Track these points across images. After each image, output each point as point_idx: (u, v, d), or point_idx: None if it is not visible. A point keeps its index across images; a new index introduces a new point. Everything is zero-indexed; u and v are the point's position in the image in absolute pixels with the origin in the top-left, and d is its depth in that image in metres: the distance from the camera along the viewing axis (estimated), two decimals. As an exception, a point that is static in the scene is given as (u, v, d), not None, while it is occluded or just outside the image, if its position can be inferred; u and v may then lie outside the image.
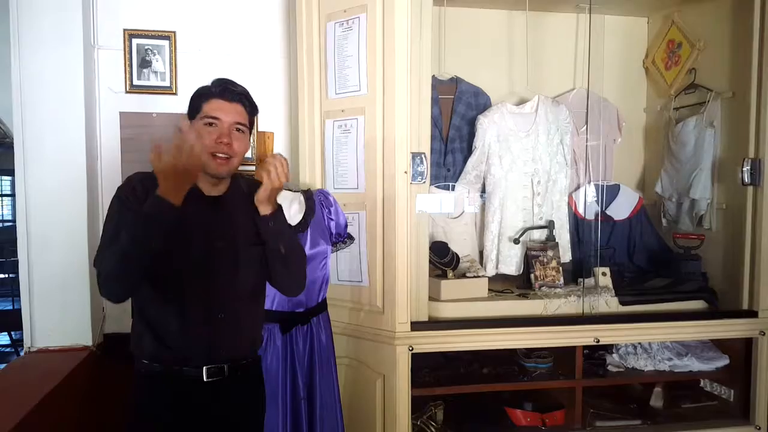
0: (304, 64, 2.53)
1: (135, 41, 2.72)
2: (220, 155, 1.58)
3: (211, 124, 1.58)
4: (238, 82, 1.66)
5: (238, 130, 1.61)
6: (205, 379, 1.61)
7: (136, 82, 2.73)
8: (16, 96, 2.42)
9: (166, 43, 2.75)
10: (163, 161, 1.41)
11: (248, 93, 1.66)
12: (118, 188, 1.61)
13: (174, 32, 2.75)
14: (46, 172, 2.44)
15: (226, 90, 1.60)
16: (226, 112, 1.59)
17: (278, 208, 1.65)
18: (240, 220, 1.67)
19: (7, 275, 6.30)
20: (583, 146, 3.07)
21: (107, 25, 2.69)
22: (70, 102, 2.47)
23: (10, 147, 2.54)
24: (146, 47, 2.74)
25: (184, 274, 1.58)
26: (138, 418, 1.64)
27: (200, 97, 1.61)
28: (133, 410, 1.64)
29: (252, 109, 1.67)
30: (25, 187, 2.44)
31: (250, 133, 1.69)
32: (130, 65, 2.72)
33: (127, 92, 2.73)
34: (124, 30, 2.71)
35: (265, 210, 1.61)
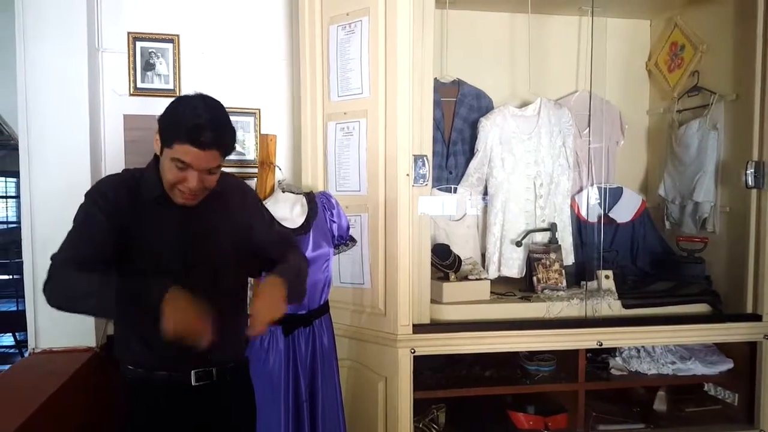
0: (306, 67, 2.54)
1: (139, 44, 2.74)
2: (186, 195, 1.51)
3: (181, 169, 1.47)
4: (220, 118, 1.49)
5: (209, 172, 1.51)
6: (193, 384, 1.60)
7: (140, 84, 2.75)
8: (21, 98, 2.42)
9: (169, 46, 2.76)
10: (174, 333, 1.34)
11: (226, 134, 1.50)
12: (89, 192, 1.55)
13: (178, 35, 2.77)
14: (51, 174, 2.45)
15: (200, 140, 1.43)
16: (198, 159, 1.45)
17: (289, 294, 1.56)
18: (215, 221, 1.62)
19: (11, 277, 6.31)
20: (586, 149, 3.06)
21: (111, 28, 2.70)
22: (74, 104, 2.48)
23: (15, 149, 2.55)
24: (150, 50, 2.75)
25: (165, 279, 1.50)
26: (126, 424, 1.62)
27: (173, 134, 1.45)
28: (122, 417, 1.63)
29: (227, 150, 1.52)
30: (29, 189, 2.44)
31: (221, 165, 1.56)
32: (134, 68, 2.73)
33: (131, 95, 2.74)
34: (128, 33, 2.72)
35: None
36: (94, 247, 1.48)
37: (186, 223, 1.58)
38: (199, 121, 1.43)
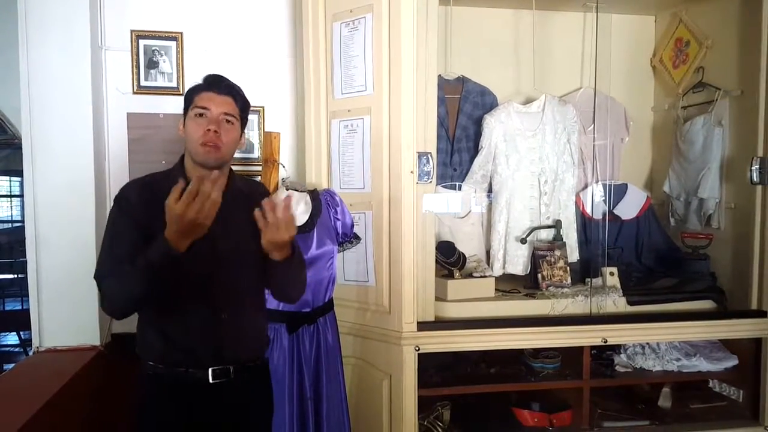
0: (310, 65, 2.54)
1: (142, 42, 2.73)
2: (209, 144, 1.59)
3: (200, 115, 1.60)
4: (234, 80, 1.70)
5: (227, 121, 1.62)
6: (210, 381, 1.61)
7: (143, 83, 2.74)
8: (25, 97, 2.42)
9: (173, 44, 2.75)
10: (177, 207, 1.37)
11: (239, 88, 1.69)
12: (115, 199, 1.64)
13: (181, 33, 2.76)
14: (54, 173, 2.45)
15: (216, 83, 1.64)
16: (216, 103, 1.61)
17: (293, 250, 1.62)
18: (239, 219, 1.64)
19: (16, 275, 6.33)
20: (591, 145, 3.06)
21: (114, 26, 2.70)
22: (77, 103, 2.48)
23: (18, 148, 2.55)
24: (153, 48, 2.74)
25: (187, 274, 1.55)
26: (143, 419, 1.63)
27: (192, 91, 1.65)
28: (138, 412, 1.64)
29: (243, 104, 1.68)
30: (33, 188, 2.45)
31: (243, 126, 1.70)
32: (138, 66, 2.73)
33: (134, 93, 2.73)
34: (132, 31, 2.72)
35: (277, 257, 1.57)
36: (127, 245, 1.54)
37: (214, 219, 1.56)
38: (213, 74, 1.67)
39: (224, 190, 1.65)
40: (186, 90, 1.69)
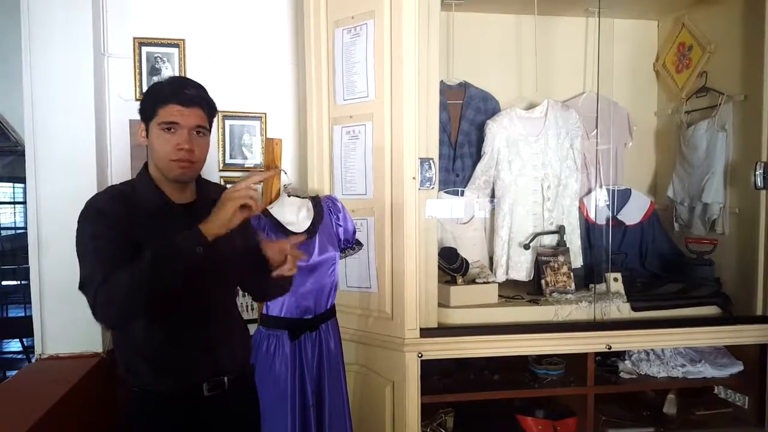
0: (312, 71, 2.54)
1: (145, 49, 2.74)
2: (183, 162, 1.49)
3: (169, 129, 1.48)
4: (195, 80, 1.56)
5: (198, 133, 1.51)
6: (205, 394, 1.58)
7: (145, 89, 2.74)
8: (27, 104, 2.43)
9: (175, 50, 2.76)
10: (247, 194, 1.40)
11: (206, 93, 1.56)
12: (85, 214, 1.51)
13: (183, 40, 2.77)
14: (57, 180, 2.45)
15: (182, 94, 1.49)
16: (185, 117, 1.48)
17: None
18: None
19: (19, 282, 6.33)
20: (594, 150, 3.05)
21: (117, 33, 2.71)
22: (80, 110, 2.49)
23: (21, 155, 2.55)
24: (156, 55, 2.75)
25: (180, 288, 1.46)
26: None
27: (155, 101, 1.49)
28: (124, 428, 1.59)
29: (211, 110, 1.56)
30: (36, 195, 2.45)
31: (211, 127, 1.59)
32: (140, 73, 2.74)
33: (136, 100, 2.73)
34: (134, 38, 2.73)
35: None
36: (119, 249, 1.43)
37: (186, 221, 1.50)
38: (177, 80, 1.55)
39: (194, 198, 1.61)
40: (146, 92, 1.53)
